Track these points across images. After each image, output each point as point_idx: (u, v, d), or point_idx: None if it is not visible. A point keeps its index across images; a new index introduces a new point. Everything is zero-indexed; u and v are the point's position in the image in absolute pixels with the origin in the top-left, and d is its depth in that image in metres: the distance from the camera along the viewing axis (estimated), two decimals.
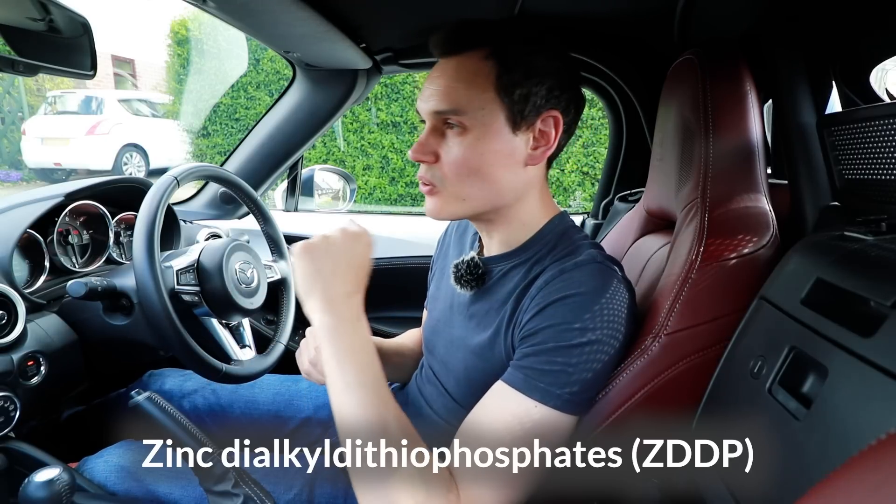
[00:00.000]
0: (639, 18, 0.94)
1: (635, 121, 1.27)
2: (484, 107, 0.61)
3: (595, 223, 1.37)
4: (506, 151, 0.63)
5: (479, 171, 0.63)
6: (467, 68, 0.61)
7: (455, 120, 0.61)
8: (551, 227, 0.69)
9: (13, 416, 0.75)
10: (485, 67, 0.61)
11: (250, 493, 0.60)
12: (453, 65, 0.62)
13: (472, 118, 0.61)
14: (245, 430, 0.93)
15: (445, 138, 0.63)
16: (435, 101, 0.62)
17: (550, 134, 0.63)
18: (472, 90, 0.61)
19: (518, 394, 0.58)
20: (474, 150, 0.62)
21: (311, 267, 0.61)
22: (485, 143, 0.61)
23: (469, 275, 0.70)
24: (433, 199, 0.66)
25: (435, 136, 0.64)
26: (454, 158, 0.62)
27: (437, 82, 0.62)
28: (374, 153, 5.57)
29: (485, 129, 0.61)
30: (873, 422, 0.37)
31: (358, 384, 0.57)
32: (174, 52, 6.72)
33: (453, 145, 0.62)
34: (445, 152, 0.63)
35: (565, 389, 0.57)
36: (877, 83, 0.70)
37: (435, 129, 0.64)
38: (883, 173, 0.57)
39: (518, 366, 0.60)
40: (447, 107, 0.61)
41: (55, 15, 0.75)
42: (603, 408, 0.62)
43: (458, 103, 0.61)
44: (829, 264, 0.51)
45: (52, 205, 0.92)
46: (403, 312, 1.47)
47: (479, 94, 0.61)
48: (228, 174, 0.97)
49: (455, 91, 0.61)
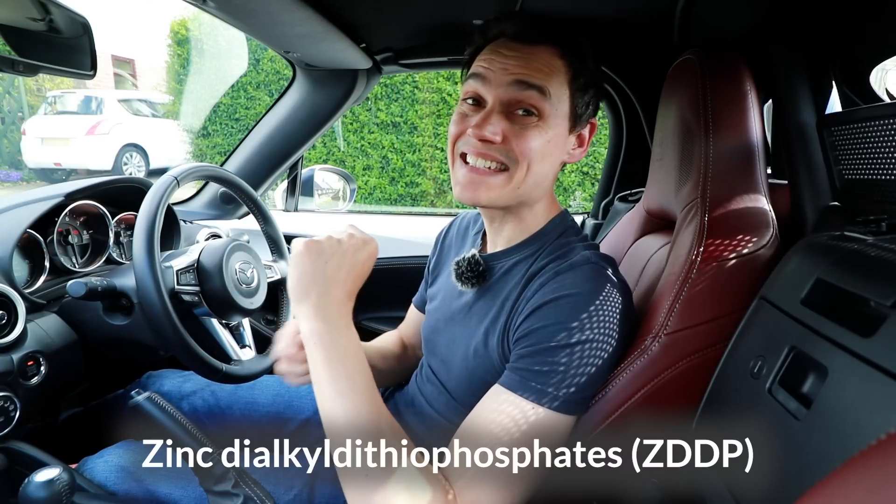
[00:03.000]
0: (639, 19, 0.94)
1: (635, 121, 1.27)
2: (561, 99, 0.63)
3: (595, 223, 1.37)
4: (560, 147, 0.65)
5: (542, 160, 0.63)
6: (544, 60, 0.62)
7: (534, 101, 0.61)
8: (553, 225, 0.69)
9: (13, 416, 0.75)
10: (561, 65, 0.62)
11: (250, 493, 0.60)
12: (527, 52, 0.62)
13: (552, 106, 0.62)
14: (245, 431, 0.93)
15: (513, 122, 0.62)
16: (524, 75, 0.61)
17: (585, 137, 0.68)
18: (554, 79, 0.62)
19: (514, 395, 0.58)
20: (543, 137, 0.63)
21: (312, 268, 0.59)
22: (551, 133, 0.63)
23: (470, 272, 0.70)
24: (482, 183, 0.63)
25: (501, 118, 0.62)
26: (531, 145, 0.62)
27: (519, 59, 0.62)
28: (374, 153, 5.57)
29: (557, 122, 0.63)
30: (873, 422, 0.37)
31: (351, 390, 0.56)
32: (174, 52, 6.72)
33: (526, 129, 0.62)
34: (515, 135, 0.62)
35: (561, 390, 0.57)
36: (877, 83, 0.70)
37: (501, 109, 0.62)
38: (883, 173, 0.57)
39: (513, 368, 0.60)
40: (536, 81, 0.61)
41: (55, 15, 0.75)
42: (603, 408, 0.62)
43: (545, 82, 0.61)
44: (829, 264, 0.51)
45: (52, 205, 0.92)
46: (403, 312, 1.47)
47: (559, 87, 0.62)
48: (228, 174, 0.97)
49: (541, 71, 0.61)
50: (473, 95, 0.64)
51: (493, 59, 0.63)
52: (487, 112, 0.62)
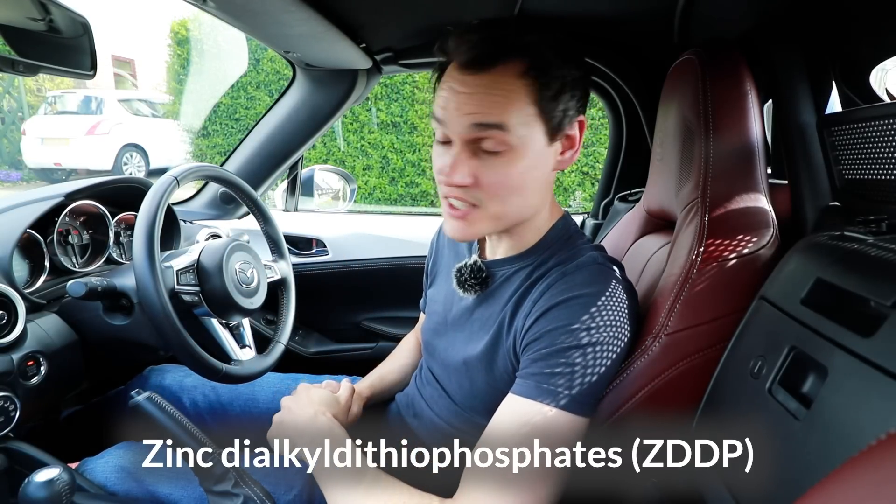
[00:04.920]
0: (639, 18, 0.94)
1: (635, 121, 1.27)
2: (527, 124, 0.58)
3: (595, 223, 1.37)
4: (541, 164, 0.62)
5: (519, 189, 0.61)
6: (504, 85, 0.57)
7: (497, 138, 0.58)
8: (555, 230, 0.69)
9: (13, 416, 0.75)
10: (524, 85, 0.57)
11: (250, 493, 0.60)
12: (487, 80, 0.57)
13: (515, 136, 0.58)
14: (245, 428, 0.93)
15: (480, 159, 0.59)
16: (478, 115, 0.57)
17: (576, 137, 0.63)
18: (514, 107, 0.57)
19: (530, 402, 0.57)
20: (516, 168, 0.59)
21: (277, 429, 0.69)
22: (525, 160, 0.59)
23: (473, 279, 0.70)
24: (464, 222, 0.62)
25: (468, 157, 0.59)
26: (498, 180, 0.59)
27: (472, 97, 0.58)
28: (374, 153, 5.57)
29: (526, 148, 0.59)
30: (873, 422, 0.37)
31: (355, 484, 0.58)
32: (174, 52, 6.72)
33: (495, 166, 0.59)
34: (485, 174, 0.59)
35: (573, 390, 0.57)
36: (877, 83, 0.70)
37: (467, 148, 0.59)
38: (883, 173, 0.57)
39: (526, 374, 0.59)
40: (493, 120, 0.57)
41: (55, 15, 0.75)
42: (603, 408, 0.62)
43: (502, 118, 0.57)
44: (829, 264, 0.51)
45: (52, 205, 0.92)
46: (403, 312, 1.47)
47: (521, 111, 0.58)
48: (228, 174, 0.97)
49: (497, 105, 0.57)
50: (441, 138, 0.62)
51: (448, 97, 0.59)
52: (454, 156, 0.59)
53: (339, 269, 1.44)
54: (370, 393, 0.88)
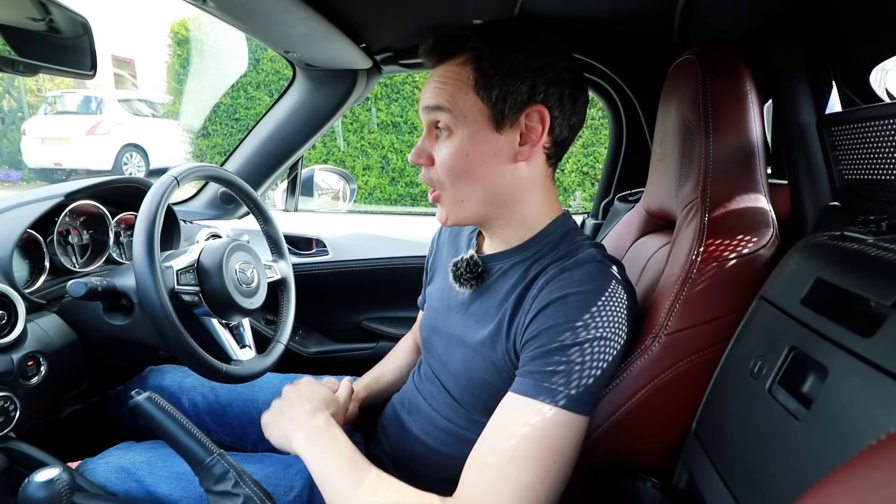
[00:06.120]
0: (639, 18, 0.94)
1: (635, 121, 1.27)
2: (466, 108, 0.64)
3: (595, 223, 1.37)
4: (491, 150, 0.64)
5: (467, 172, 0.65)
6: (450, 73, 0.65)
7: (442, 122, 0.65)
8: (553, 227, 0.69)
9: (13, 416, 0.75)
10: (464, 72, 0.64)
11: (250, 493, 0.60)
12: (440, 71, 0.66)
13: (456, 119, 0.64)
14: (245, 428, 0.93)
15: (437, 141, 0.67)
16: (428, 99, 0.66)
17: (537, 129, 0.64)
18: (455, 93, 0.64)
19: (529, 400, 0.57)
20: (460, 150, 0.64)
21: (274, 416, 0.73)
22: (469, 143, 0.64)
23: (468, 273, 0.70)
24: (440, 206, 0.69)
25: (429, 140, 0.68)
26: (443, 160, 0.65)
27: (428, 86, 0.67)
28: (374, 153, 5.57)
29: (468, 131, 0.64)
30: (873, 422, 0.37)
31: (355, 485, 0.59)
32: (174, 52, 6.72)
33: (443, 147, 0.66)
34: (436, 154, 0.67)
35: (572, 389, 0.57)
36: (877, 83, 0.70)
37: (429, 132, 0.68)
38: (883, 173, 0.57)
39: (524, 372, 0.60)
40: (433, 103, 0.65)
41: (55, 15, 0.75)
42: (603, 408, 0.62)
43: (444, 101, 0.64)
44: (829, 264, 0.51)
45: (52, 205, 0.92)
46: (403, 312, 1.47)
47: (462, 97, 0.64)
48: (228, 174, 0.97)
49: (441, 91, 0.65)
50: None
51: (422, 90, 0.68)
52: (420, 140, 0.69)
53: (339, 269, 1.44)
54: (366, 394, 0.89)
